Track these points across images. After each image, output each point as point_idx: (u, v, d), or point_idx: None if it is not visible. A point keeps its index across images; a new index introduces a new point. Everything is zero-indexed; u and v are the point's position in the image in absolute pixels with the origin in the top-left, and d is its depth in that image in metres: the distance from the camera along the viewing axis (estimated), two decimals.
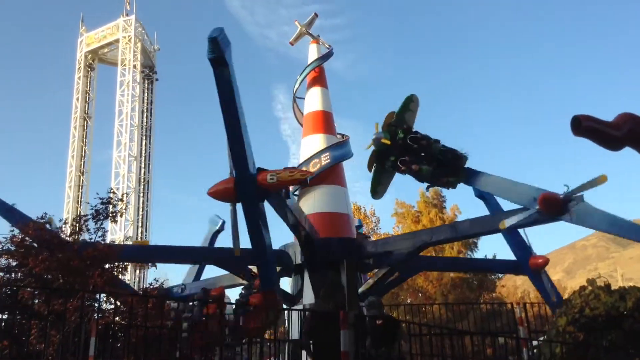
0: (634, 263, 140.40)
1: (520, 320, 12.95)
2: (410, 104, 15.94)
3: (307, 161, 20.65)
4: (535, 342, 11.65)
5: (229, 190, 13.51)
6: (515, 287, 42.30)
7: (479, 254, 34.61)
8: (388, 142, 15.49)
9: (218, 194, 13.83)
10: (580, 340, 8.60)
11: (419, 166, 15.51)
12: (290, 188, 18.11)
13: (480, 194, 19.06)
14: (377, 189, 17.24)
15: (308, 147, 21.70)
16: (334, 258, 17.84)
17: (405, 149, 15.58)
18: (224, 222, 22.82)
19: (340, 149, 21.47)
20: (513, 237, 19.19)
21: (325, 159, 20.72)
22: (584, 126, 4.66)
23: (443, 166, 15.45)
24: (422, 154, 15.57)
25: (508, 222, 14.29)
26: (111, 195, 13.84)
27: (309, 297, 18.24)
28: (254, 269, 18.29)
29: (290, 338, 15.17)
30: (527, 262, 18.76)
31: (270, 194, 13.99)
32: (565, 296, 15.22)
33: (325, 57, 23.67)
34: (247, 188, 13.33)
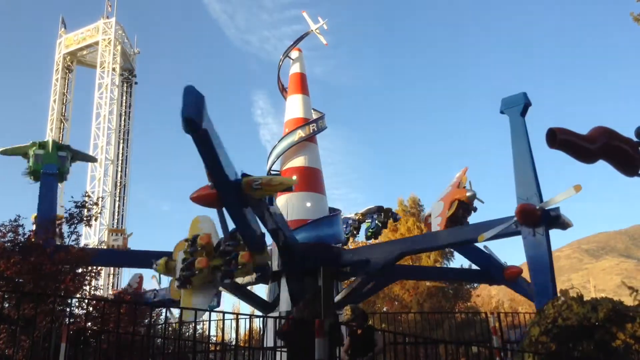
0: (606, 274, 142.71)
1: (494, 329, 13.04)
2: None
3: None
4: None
5: (212, 195, 13.35)
6: (490, 297, 42.57)
7: (455, 263, 34.94)
8: None
9: (201, 199, 13.67)
10: (553, 351, 8.68)
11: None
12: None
13: None
14: None
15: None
16: (312, 265, 17.79)
17: None
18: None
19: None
20: (476, 251, 19.74)
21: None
22: (559, 139, 4.72)
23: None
24: None
25: (487, 235, 14.59)
26: (86, 199, 13.68)
27: (285, 304, 18.16)
28: None
29: (265, 345, 15.08)
30: (501, 273, 19.24)
31: (253, 199, 13.89)
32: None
33: (302, 37, 24.78)
34: (231, 194, 13.19)
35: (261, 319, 17.09)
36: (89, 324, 11.71)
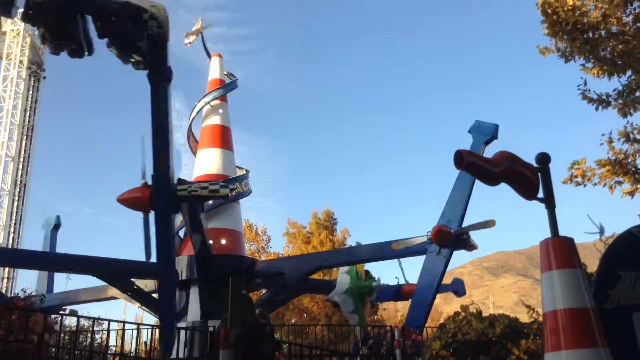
0: (504, 292, 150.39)
1: (398, 343, 13.34)
2: None
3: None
4: None
5: (143, 198, 12.99)
6: (396, 310, 43.67)
7: None
8: None
9: (130, 201, 13.26)
10: None
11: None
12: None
13: None
14: None
15: (203, 161, 21.39)
16: (225, 275, 17.61)
17: None
18: (58, 217, 24.50)
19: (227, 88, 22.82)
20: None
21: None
22: (465, 161, 4.93)
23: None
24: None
25: (400, 245, 15.69)
26: None
27: (193, 314, 17.82)
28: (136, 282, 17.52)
29: (177, 357, 14.67)
30: (399, 289, 20.50)
31: (185, 205, 13.68)
32: (442, 321, 15.98)
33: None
34: (165, 198, 12.85)
35: None
36: None
